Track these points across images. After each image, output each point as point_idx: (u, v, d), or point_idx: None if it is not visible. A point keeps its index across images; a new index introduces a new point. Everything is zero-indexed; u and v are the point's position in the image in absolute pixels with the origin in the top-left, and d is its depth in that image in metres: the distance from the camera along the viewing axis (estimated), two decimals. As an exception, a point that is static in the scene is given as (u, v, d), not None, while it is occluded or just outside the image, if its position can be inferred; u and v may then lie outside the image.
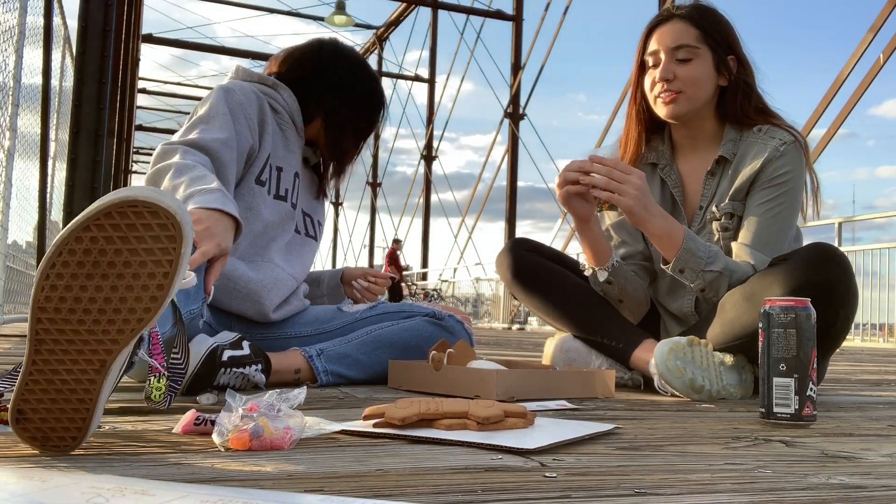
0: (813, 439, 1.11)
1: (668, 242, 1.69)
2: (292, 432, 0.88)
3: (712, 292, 1.71)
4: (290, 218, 1.77)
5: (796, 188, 1.76)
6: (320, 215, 1.94)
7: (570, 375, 1.61)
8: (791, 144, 1.75)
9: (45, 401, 0.80)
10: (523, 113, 16.46)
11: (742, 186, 1.78)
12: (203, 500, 0.56)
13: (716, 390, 1.61)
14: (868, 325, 8.70)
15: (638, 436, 1.09)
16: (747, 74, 1.82)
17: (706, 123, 1.85)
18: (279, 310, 1.73)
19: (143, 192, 0.79)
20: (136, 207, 0.78)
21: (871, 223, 9.30)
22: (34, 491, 0.58)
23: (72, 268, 0.78)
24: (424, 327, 1.80)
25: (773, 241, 1.74)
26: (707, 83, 1.80)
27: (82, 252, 0.78)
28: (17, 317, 4.78)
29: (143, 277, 0.79)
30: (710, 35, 1.80)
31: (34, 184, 4.70)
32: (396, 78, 21.32)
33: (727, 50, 1.81)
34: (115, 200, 0.78)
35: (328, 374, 1.63)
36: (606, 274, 1.80)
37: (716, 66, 1.80)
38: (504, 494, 0.70)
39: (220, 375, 1.40)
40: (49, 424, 0.80)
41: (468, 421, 1.01)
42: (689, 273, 1.70)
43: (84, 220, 0.78)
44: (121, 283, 0.78)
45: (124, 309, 0.79)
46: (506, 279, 2.00)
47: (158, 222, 0.78)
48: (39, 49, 4.59)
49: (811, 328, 1.23)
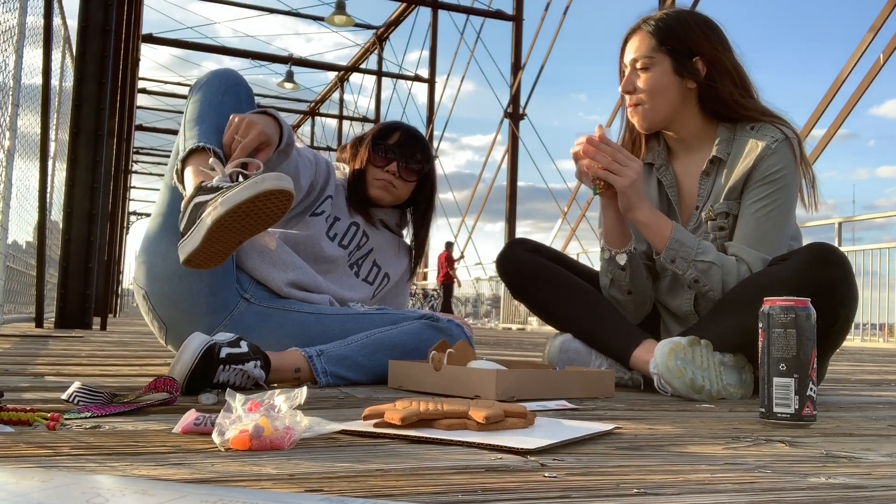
0: (813, 439, 1.11)
1: (655, 231, 1.73)
2: (292, 432, 0.88)
3: (706, 284, 1.71)
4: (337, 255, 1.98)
5: (789, 185, 1.76)
6: (395, 271, 2.10)
7: (570, 375, 1.61)
8: (782, 142, 1.76)
9: (207, 255, 1.43)
10: (523, 113, 16.47)
11: (736, 185, 1.78)
12: (203, 500, 0.56)
13: (716, 390, 1.61)
14: (868, 325, 8.70)
15: (638, 436, 1.09)
16: (719, 73, 1.81)
17: (691, 125, 1.86)
18: (292, 287, 1.84)
19: (285, 185, 1.37)
20: (285, 194, 1.37)
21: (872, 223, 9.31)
22: (34, 491, 0.58)
23: (240, 214, 1.36)
24: (423, 330, 1.80)
25: (767, 239, 1.74)
26: (669, 89, 1.81)
27: (246, 208, 1.36)
28: (18, 317, 4.78)
29: (267, 217, 1.40)
30: (667, 42, 1.81)
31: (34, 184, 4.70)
32: (396, 78, 21.32)
33: (688, 53, 1.81)
34: (278, 187, 1.36)
35: (328, 376, 1.63)
36: (626, 258, 1.82)
37: (676, 71, 1.81)
38: (504, 494, 0.70)
39: (220, 373, 1.40)
40: (205, 264, 1.44)
41: (468, 421, 1.01)
42: (681, 262, 1.72)
43: (254, 196, 1.35)
44: (258, 220, 1.39)
45: (252, 229, 1.41)
46: (506, 279, 2.00)
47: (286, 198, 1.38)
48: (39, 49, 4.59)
49: (811, 328, 1.23)
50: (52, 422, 0.96)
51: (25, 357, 2.21)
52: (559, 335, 1.93)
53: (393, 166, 2.00)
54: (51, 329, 4.27)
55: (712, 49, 1.81)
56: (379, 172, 2.01)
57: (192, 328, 1.60)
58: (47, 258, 4.62)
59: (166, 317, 1.77)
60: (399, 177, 2.01)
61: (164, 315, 1.77)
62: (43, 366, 1.94)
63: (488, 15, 17.28)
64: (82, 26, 4.65)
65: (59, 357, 2.26)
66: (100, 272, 5.26)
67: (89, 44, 4.62)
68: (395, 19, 19.79)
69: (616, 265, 1.83)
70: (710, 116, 1.86)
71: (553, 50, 16.00)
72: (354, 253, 2.01)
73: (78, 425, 1.00)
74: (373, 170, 2.02)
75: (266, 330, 1.77)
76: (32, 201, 4.94)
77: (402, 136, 2.04)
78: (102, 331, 4.42)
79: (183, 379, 1.36)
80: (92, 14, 4.67)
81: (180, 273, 1.68)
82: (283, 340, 1.72)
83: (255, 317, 1.79)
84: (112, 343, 3.16)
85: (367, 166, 2.03)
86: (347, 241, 2.00)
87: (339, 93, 24.79)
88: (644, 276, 1.87)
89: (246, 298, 1.80)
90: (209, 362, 1.38)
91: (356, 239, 2.01)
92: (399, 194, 2.05)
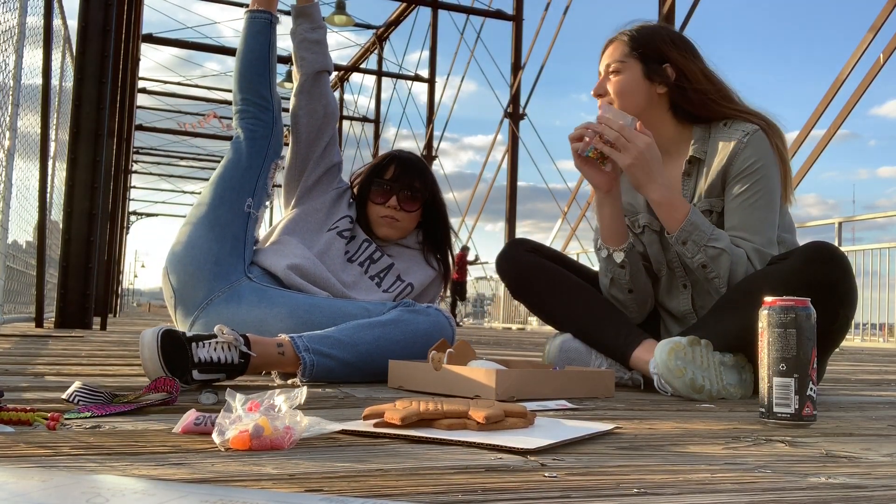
0: (813, 439, 1.11)
1: (669, 212, 1.72)
2: (292, 432, 0.88)
3: (713, 271, 1.71)
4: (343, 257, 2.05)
5: (768, 175, 1.76)
6: (419, 280, 2.10)
7: (570, 375, 1.61)
8: (754, 134, 1.77)
9: None
10: (523, 113, 16.46)
11: (715, 182, 1.80)
12: (203, 500, 0.56)
13: (716, 390, 1.61)
14: (868, 325, 8.70)
15: (638, 436, 1.09)
16: (688, 78, 1.84)
17: (665, 130, 1.88)
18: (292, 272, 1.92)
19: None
20: None
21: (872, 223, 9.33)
22: (34, 491, 0.58)
23: None
24: (401, 314, 1.84)
25: (759, 230, 1.74)
26: (637, 92, 1.85)
27: None
28: (17, 317, 4.78)
29: None
30: (637, 48, 1.86)
31: (34, 184, 4.69)
32: (396, 78, 21.31)
33: (658, 59, 1.85)
34: None
35: (310, 353, 1.63)
36: (623, 255, 1.82)
37: (646, 75, 1.84)
38: (504, 494, 0.69)
39: (197, 350, 1.46)
40: None
41: (468, 421, 1.01)
42: (692, 246, 1.71)
43: None
44: None
45: None
46: (506, 280, 2.00)
47: None
48: (39, 49, 4.59)
49: (811, 328, 1.23)
50: (52, 422, 0.96)
51: (25, 357, 2.21)
52: (559, 335, 1.93)
53: (393, 201, 2.06)
54: (51, 329, 4.27)
55: (681, 56, 1.85)
56: (381, 209, 2.07)
57: (195, 292, 1.86)
58: (47, 258, 4.62)
59: (175, 282, 1.91)
60: (401, 209, 2.07)
61: (174, 281, 1.92)
62: (43, 366, 1.94)
63: (488, 15, 17.27)
64: (82, 26, 4.65)
65: (59, 357, 2.26)
66: (100, 272, 5.25)
67: (89, 44, 4.62)
68: (395, 19, 19.78)
69: (614, 263, 1.83)
70: (683, 120, 1.88)
71: (553, 50, 16.03)
72: (370, 267, 2.06)
73: (78, 425, 1.00)
74: (375, 207, 2.09)
75: (258, 301, 1.86)
76: (32, 201, 4.94)
77: (397, 168, 2.10)
78: (102, 331, 4.42)
79: (156, 355, 1.42)
80: (92, 14, 4.67)
81: (193, 242, 1.91)
82: (272, 311, 1.82)
83: (252, 292, 1.88)
84: (112, 343, 3.16)
85: (369, 205, 2.10)
86: (364, 258, 2.07)
87: (339, 92, 24.79)
88: (643, 273, 1.87)
89: (249, 278, 1.92)
90: (174, 340, 1.45)
91: (368, 251, 2.08)
92: (405, 227, 2.11)
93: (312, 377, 1.63)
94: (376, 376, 1.73)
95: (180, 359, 1.43)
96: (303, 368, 1.62)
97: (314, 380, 1.64)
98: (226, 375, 1.51)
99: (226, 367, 1.50)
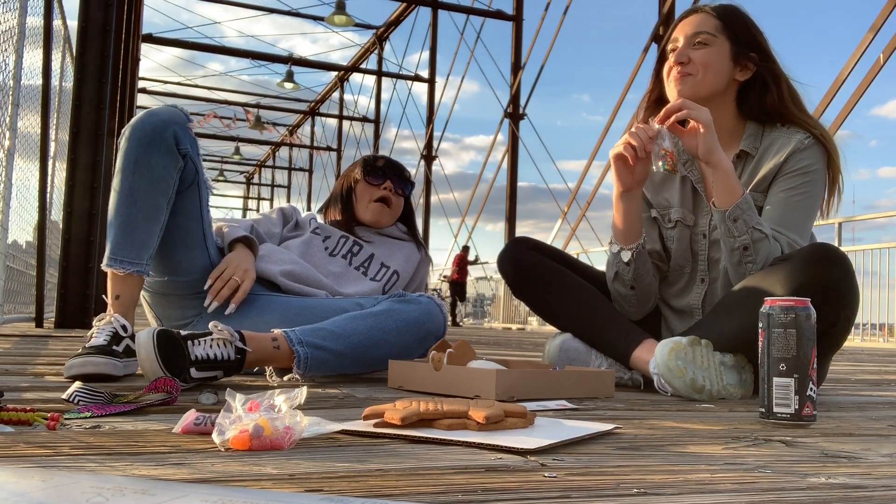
0: (813, 439, 1.11)
1: (728, 185, 1.69)
2: (292, 432, 0.88)
3: (751, 255, 1.68)
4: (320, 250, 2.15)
5: (817, 181, 1.77)
6: (405, 268, 2.22)
7: (570, 375, 1.61)
8: (816, 141, 1.77)
9: None
10: (523, 113, 16.46)
11: (766, 177, 1.79)
12: (203, 500, 0.56)
13: (716, 390, 1.61)
14: (868, 325, 8.70)
15: (638, 436, 1.09)
16: (771, 72, 1.82)
17: (724, 118, 1.85)
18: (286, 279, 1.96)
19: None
20: None
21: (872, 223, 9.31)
22: (34, 491, 0.58)
23: None
24: (392, 304, 1.85)
25: (794, 227, 1.74)
26: (721, 71, 1.82)
27: None
28: (17, 317, 4.78)
29: None
30: (730, 27, 1.83)
31: (34, 184, 4.69)
32: (396, 78, 21.31)
33: (748, 45, 1.83)
34: None
35: (304, 346, 1.63)
36: (630, 254, 1.81)
37: (733, 58, 1.82)
38: (504, 494, 0.70)
39: (193, 348, 1.47)
40: None
41: (468, 421, 1.01)
42: (741, 224, 1.68)
43: None
44: None
45: None
46: (507, 278, 2.00)
47: None
48: (39, 49, 4.59)
49: (811, 328, 1.23)
50: (52, 422, 0.96)
51: (25, 357, 2.21)
52: (559, 335, 1.93)
53: (388, 183, 2.23)
54: (51, 329, 4.27)
55: (768, 48, 1.84)
56: (376, 191, 2.21)
57: (177, 311, 1.89)
58: (47, 258, 4.61)
59: (153, 303, 1.94)
60: (394, 192, 2.23)
61: (152, 302, 1.94)
62: (43, 366, 1.94)
63: (488, 15, 17.27)
64: (82, 26, 4.65)
65: (59, 357, 2.26)
66: (100, 272, 5.25)
67: (89, 44, 4.62)
68: (395, 19, 19.78)
69: (621, 260, 1.83)
70: (742, 114, 1.87)
71: (554, 50, 16.02)
72: (353, 259, 2.17)
73: (78, 425, 1.00)
74: (368, 191, 2.21)
75: (247, 311, 1.86)
76: (32, 201, 4.94)
77: (386, 161, 2.29)
78: (102, 331, 4.41)
79: (153, 355, 1.42)
80: (92, 14, 4.66)
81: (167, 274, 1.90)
82: (262, 319, 1.82)
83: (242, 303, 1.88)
84: (112, 343, 3.15)
85: (359, 192, 2.22)
86: (345, 251, 2.17)
87: (339, 93, 24.79)
88: (649, 274, 1.87)
89: None
90: (169, 339, 1.45)
91: (347, 245, 2.18)
92: (395, 213, 2.26)
93: (308, 370, 1.63)
94: (371, 367, 1.75)
95: (178, 357, 1.44)
96: (297, 361, 1.62)
97: (309, 372, 1.64)
98: (223, 372, 1.52)
99: (222, 364, 1.50)
